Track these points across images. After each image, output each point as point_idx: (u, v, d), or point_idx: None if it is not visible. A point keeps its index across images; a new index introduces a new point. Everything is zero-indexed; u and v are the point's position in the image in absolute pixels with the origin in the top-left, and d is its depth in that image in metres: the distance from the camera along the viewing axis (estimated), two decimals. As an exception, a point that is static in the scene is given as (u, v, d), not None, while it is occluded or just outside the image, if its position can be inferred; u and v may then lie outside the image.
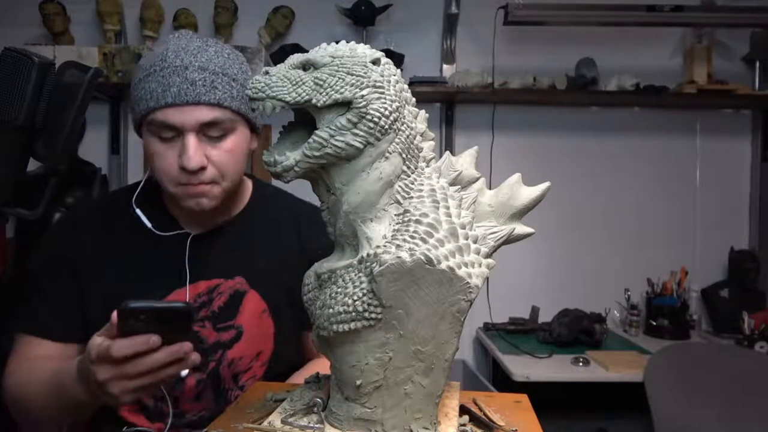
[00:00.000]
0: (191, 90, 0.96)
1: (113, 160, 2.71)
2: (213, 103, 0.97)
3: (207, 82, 0.97)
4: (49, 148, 1.19)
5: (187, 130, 0.97)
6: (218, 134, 1.00)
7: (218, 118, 0.98)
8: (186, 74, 0.96)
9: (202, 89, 0.96)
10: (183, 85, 0.96)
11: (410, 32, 2.75)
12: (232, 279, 1.10)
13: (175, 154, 0.98)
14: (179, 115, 0.96)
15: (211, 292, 1.09)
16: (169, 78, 0.96)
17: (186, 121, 0.97)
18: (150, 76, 0.98)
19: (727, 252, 2.76)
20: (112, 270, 1.07)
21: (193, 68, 0.97)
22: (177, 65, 0.97)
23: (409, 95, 0.75)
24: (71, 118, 1.18)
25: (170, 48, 0.99)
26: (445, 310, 0.69)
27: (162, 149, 0.99)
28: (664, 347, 2.25)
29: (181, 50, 0.99)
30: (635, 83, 2.57)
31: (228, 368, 1.09)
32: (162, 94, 0.96)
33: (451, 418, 0.79)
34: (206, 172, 0.99)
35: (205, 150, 0.99)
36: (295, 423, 0.76)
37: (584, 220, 2.82)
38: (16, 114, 1.10)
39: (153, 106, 0.96)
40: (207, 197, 1.02)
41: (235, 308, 1.10)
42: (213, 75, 0.98)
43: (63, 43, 2.53)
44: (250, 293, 1.11)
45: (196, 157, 0.97)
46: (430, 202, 0.72)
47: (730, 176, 2.86)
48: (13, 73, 1.10)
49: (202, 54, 0.99)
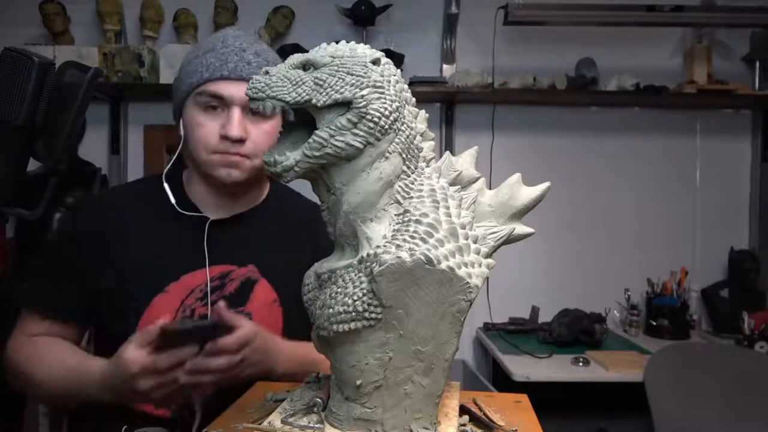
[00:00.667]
0: (246, 68, 1.06)
1: (113, 160, 2.71)
2: None
3: (261, 65, 1.04)
4: (49, 148, 1.19)
5: (235, 104, 1.05)
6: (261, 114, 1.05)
7: None
8: (243, 55, 1.07)
9: (257, 70, 1.02)
10: (240, 63, 1.06)
11: (410, 32, 2.75)
12: (244, 266, 1.13)
13: (217, 124, 1.06)
14: (231, 87, 1.05)
15: (224, 278, 1.12)
16: (228, 55, 1.07)
17: (235, 94, 1.05)
18: (209, 53, 1.07)
19: (727, 252, 2.76)
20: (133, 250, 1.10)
21: (250, 51, 1.08)
22: (236, 46, 1.08)
23: (409, 95, 0.76)
24: (71, 118, 1.18)
25: (230, 33, 1.11)
26: (445, 310, 0.69)
27: (205, 119, 1.07)
28: (664, 347, 2.25)
29: (240, 37, 1.10)
30: (635, 83, 2.57)
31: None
32: (219, 68, 1.05)
33: (451, 418, 0.79)
34: (245, 145, 1.06)
35: (246, 125, 1.07)
36: (295, 423, 0.76)
37: (584, 220, 2.82)
38: (16, 114, 1.10)
39: (207, 77, 1.05)
40: (239, 169, 1.08)
41: (245, 295, 1.12)
42: (266, 62, 1.07)
43: (63, 43, 2.53)
44: (261, 282, 1.13)
45: (239, 127, 1.05)
46: (430, 202, 0.72)
47: (730, 176, 2.86)
48: (13, 73, 1.10)
49: (258, 44, 1.11)
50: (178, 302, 1.08)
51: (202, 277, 1.10)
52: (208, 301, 1.09)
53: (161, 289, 1.08)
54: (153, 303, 1.08)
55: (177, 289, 1.09)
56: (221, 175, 1.08)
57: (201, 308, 1.09)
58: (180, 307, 1.08)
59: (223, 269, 1.12)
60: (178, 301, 1.08)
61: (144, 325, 1.05)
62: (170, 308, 1.08)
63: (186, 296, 1.09)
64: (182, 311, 1.08)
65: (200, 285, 1.10)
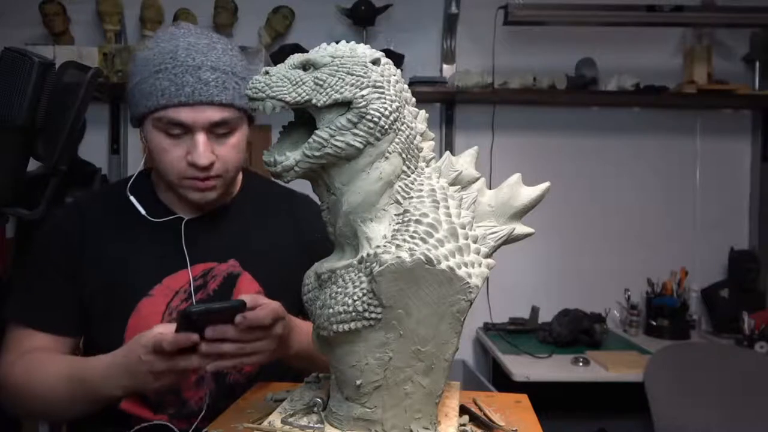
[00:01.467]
0: (205, 90, 0.99)
1: (113, 160, 2.71)
2: (224, 104, 1.00)
3: (219, 83, 1.00)
4: (49, 148, 1.19)
5: (198, 129, 1.00)
6: (225, 131, 1.03)
7: (227, 117, 1.01)
8: (199, 74, 0.99)
9: (215, 90, 0.99)
10: (197, 85, 0.98)
11: (410, 32, 2.75)
12: (225, 262, 1.12)
13: (182, 150, 1.01)
14: (191, 114, 0.99)
15: (206, 276, 1.11)
16: (183, 77, 0.99)
17: (197, 120, 0.99)
18: (161, 73, 0.99)
19: (727, 252, 2.76)
20: (110, 257, 1.09)
21: (205, 68, 1.00)
22: (190, 64, 0.99)
23: (409, 95, 0.76)
24: (71, 118, 1.17)
25: (180, 45, 1.01)
26: (445, 310, 0.70)
27: (169, 145, 1.02)
28: (664, 347, 2.25)
29: (192, 48, 1.01)
30: (635, 83, 2.57)
31: None
32: (175, 93, 0.98)
33: (451, 418, 0.79)
34: (214, 168, 1.03)
35: (212, 146, 1.02)
36: (295, 423, 0.76)
37: (584, 220, 2.82)
38: (16, 114, 1.10)
39: (165, 103, 0.99)
40: (213, 191, 1.06)
41: (229, 290, 1.11)
42: (224, 75, 1.01)
43: (63, 43, 2.53)
44: (243, 275, 1.12)
45: (206, 154, 1.00)
46: (430, 202, 0.72)
47: (730, 176, 2.86)
48: (13, 73, 1.10)
49: (211, 52, 1.02)
50: (164, 305, 1.08)
51: (185, 277, 1.09)
52: (193, 301, 1.08)
53: (145, 293, 1.07)
54: (138, 308, 1.07)
55: (161, 292, 1.08)
56: (194, 198, 1.06)
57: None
58: (166, 310, 1.08)
59: (204, 267, 1.11)
60: (163, 304, 1.08)
61: (132, 331, 1.04)
62: (156, 311, 1.07)
63: (171, 298, 1.08)
64: (168, 314, 1.07)
65: (184, 286, 1.09)
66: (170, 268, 1.09)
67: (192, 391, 1.08)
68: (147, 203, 1.12)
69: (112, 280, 1.08)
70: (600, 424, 2.58)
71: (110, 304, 1.07)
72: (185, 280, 1.09)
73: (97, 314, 1.09)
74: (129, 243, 1.10)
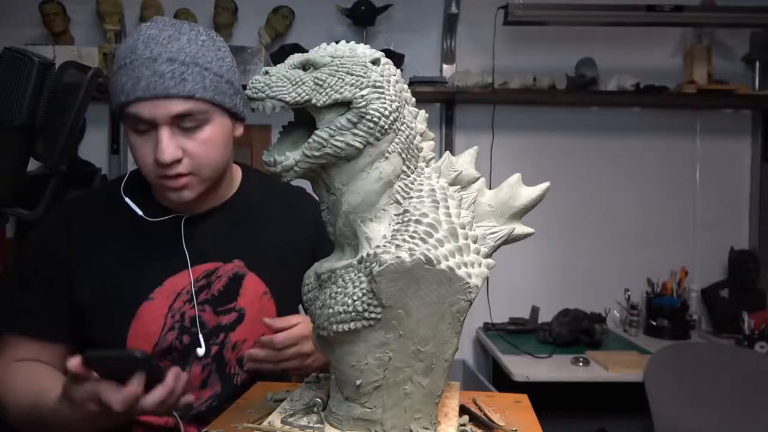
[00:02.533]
0: (160, 83, 0.93)
1: (113, 160, 2.71)
2: (184, 96, 0.95)
3: (176, 74, 0.94)
4: (49, 148, 1.19)
5: (160, 123, 0.96)
6: (193, 125, 0.98)
7: (190, 110, 0.96)
8: (155, 67, 0.94)
9: (171, 82, 0.94)
10: (152, 78, 0.93)
11: (410, 32, 2.75)
12: (230, 262, 1.10)
13: (150, 147, 0.97)
14: (150, 108, 0.95)
15: (210, 276, 1.09)
16: (138, 71, 0.94)
17: (157, 115, 0.95)
18: (121, 69, 0.96)
19: (727, 252, 2.76)
20: (107, 261, 1.06)
21: (161, 60, 0.94)
22: (146, 57, 0.94)
23: (409, 95, 0.76)
24: (71, 118, 1.17)
25: (140, 38, 0.96)
26: (444, 310, 0.70)
27: (138, 142, 0.99)
28: (664, 347, 2.25)
29: (151, 40, 0.95)
30: (635, 83, 2.57)
31: (232, 351, 1.09)
32: (132, 88, 0.94)
33: (451, 418, 0.79)
34: (181, 165, 0.98)
35: (180, 142, 0.97)
36: (295, 423, 0.77)
37: (584, 220, 2.82)
38: (16, 114, 1.10)
39: (124, 100, 0.95)
40: (187, 189, 1.01)
41: (235, 291, 1.10)
42: (183, 66, 0.95)
43: (63, 43, 2.53)
44: (249, 276, 1.11)
45: (169, 150, 0.96)
46: (430, 202, 0.72)
47: (730, 176, 2.86)
48: (13, 73, 1.10)
49: (172, 43, 0.96)
50: (166, 308, 1.05)
51: (187, 278, 1.07)
52: (194, 303, 1.06)
53: (146, 296, 1.05)
54: (140, 312, 1.04)
55: (163, 294, 1.06)
56: (172, 198, 1.03)
57: (191, 311, 1.07)
58: (168, 313, 1.06)
59: (207, 267, 1.09)
60: (165, 307, 1.05)
61: (134, 336, 1.04)
62: (159, 314, 1.05)
63: (173, 300, 1.06)
64: (171, 316, 1.06)
65: (186, 287, 1.07)
66: (171, 269, 1.07)
67: (197, 392, 1.07)
68: (143, 202, 1.09)
69: (111, 284, 1.05)
70: (600, 424, 2.58)
71: (110, 309, 1.05)
72: (188, 281, 1.07)
73: (97, 319, 1.06)
74: (126, 245, 1.07)
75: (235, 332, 1.09)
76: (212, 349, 1.08)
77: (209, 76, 0.97)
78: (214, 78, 0.98)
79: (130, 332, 1.04)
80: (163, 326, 1.05)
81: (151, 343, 1.05)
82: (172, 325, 1.06)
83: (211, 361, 1.08)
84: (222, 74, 0.99)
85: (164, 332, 1.05)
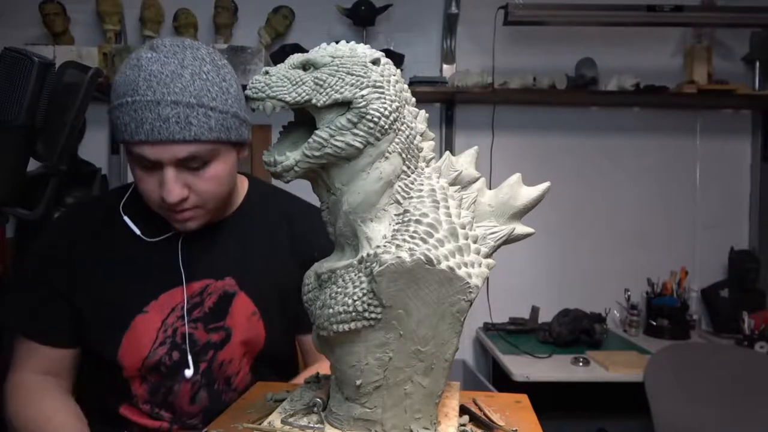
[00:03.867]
0: (164, 128, 0.91)
1: (113, 160, 2.71)
2: (188, 140, 0.93)
3: (181, 119, 0.91)
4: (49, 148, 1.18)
5: (165, 165, 0.94)
6: (198, 165, 0.97)
7: (195, 152, 0.95)
8: (158, 110, 0.91)
9: (176, 127, 0.91)
10: (156, 123, 0.91)
11: (410, 32, 2.75)
12: (221, 279, 1.09)
13: (155, 182, 0.97)
14: (155, 151, 0.93)
15: (202, 293, 1.08)
16: (141, 113, 0.91)
17: (162, 157, 0.94)
18: (123, 107, 0.93)
19: (727, 252, 2.76)
20: (105, 275, 1.07)
21: (165, 103, 0.91)
22: (149, 99, 0.91)
23: (409, 95, 0.75)
24: (71, 118, 1.17)
25: (141, 76, 0.92)
26: (445, 310, 0.69)
27: (143, 176, 0.98)
28: (664, 347, 2.25)
29: (153, 79, 0.91)
30: (635, 83, 2.57)
31: (219, 369, 1.09)
32: (135, 131, 0.92)
33: (451, 418, 0.79)
34: (188, 201, 0.98)
35: (186, 180, 0.97)
36: (295, 423, 0.76)
37: (584, 220, 2.82)
38: (16, 114, 1.10)
39: (128, 139, 0.93)
40: (194, 221, 1.02)
41: (224, 309, 1.09)
42: (188, 108, 0.92)
43: (63, 43, 2.53)
44: (239, 295, 1.10)
45: (175, 191, 0.95)
46: (430, 202, 0.72)
47: (730, 176, 2.86)
48: (13, 73, 1.09)
49: (176, 82, 0.92)
50: (159, 322, 1.06)
51: (182, 294, 1.07)
52: (185, 321, 1.06)
53: (141, 309, 1.05)
54: (134, 324, 1.05)
55: (157, 308, 1.06)
56: (176, 227, 1.04)
57: (182, 327, 1.06)
58: (161, 327, 1.06)
59: (201, 284, 1.08)
60: (159, 321, 1.06)
61: (126, 347, 1.04)
62: (152, 328, 1.05)
63: (167, 315, 1.06)
64: (164, 331, 1.06)
65: (180, 303, 1.07)
66: (166, 284, 1.07)
67: (187, 406, 1.08)
68: (142, 219, 1.09)
69: (107, 295, 1.06)
70: (600, 424, 2.57)
71: (105, 319, 1.06)
72: (182, 297, 1.07)
73: (92, 329, 1.07)
74: (125, 258, 1.08)
75: (223, 350, 1.09)
76: (201, 366, 1.08)
77: (214, 115, 0.95)
78: (220, 117, 0.95)
79: (122, 343, 1.05)
80: (155, 340, 1.05)
81: (142, 356, 1.05)
82: (163, 339, 1.06)
83: (200, 378, 1.08)
84: (227, 110, 0.96)
85: (155, 346, 1.05)
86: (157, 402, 1.07)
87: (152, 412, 1.07)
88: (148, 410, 1.07)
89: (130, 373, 1.06)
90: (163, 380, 1.07)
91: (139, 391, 1.07)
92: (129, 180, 2.82)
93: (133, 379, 1.07)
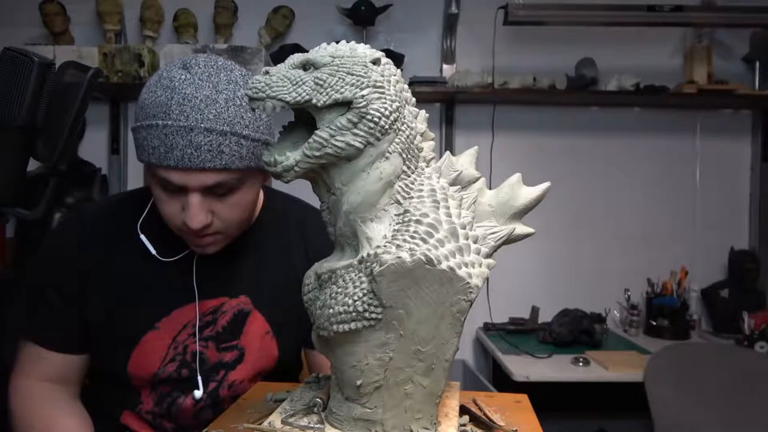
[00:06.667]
0: (195, 156, 0.88)
1: (113, 160, 2.71)
2: (218, 169, 0.90)
3: (213, 146, 0.89)
4: (49, 148, 1.19)
5: (191, 191, 0.92)
6: (224, 191, 0.95)
7: (224, 180, 0.93)
8: (191, 137, 0.88)
9: (208, 155, 0.89)
10: (187, 150, 0.88)
11: (410, 32, 2.75)
12: (236, 297, 1.08)
13: (178, 205, 0.94)
14: (182, 177, 0.90)
15: (216, 312, 1.07)
16: (173, 138, 0.88)
17: (189, 184, 0.91)
18: (152, 128, 0.89)
19: (727, 252, 2.76)
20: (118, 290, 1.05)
21: (198, 130, 0.88)
22: (182, 125, 0.88)
23: (409, 95, 0.75)
24: (71, 118, 1.18)
25: (175, 99, 0.89)
26: (445, 310, 0.69)
27: (166, 198, 0.95)
28: (664, 347, 2.25)
29: (187, 104, 0.88)
30: (635, 83, 2.57)
31: (228, 389, 1.07)
32: (164, 155, 0.89)
33: (451, 418, 0.79)
34: (210, 227, 0.96)
35: (210, 205, 0.95)
36: (295, 423, 0.76)
37: (584, 220, 2.82)
38: (16, 114, 1.10)
39: (156, 162, 0.90)
40: (212, 246, 1.00)
41: (239, 328, 1.08)
42: (221, 137, 0.89)
43: (63, 43, 2.53)
44: (254, 313, 1.09)
45: (198, 218, 0.93)
46: (431, 202, 0.72)
47: (730, 176, 2.86)
48: (13, 73, 1.10)
49: (210, 108, 0.89)
50: (170, 338, 1.04)
51: (194, 312, 1.05)
52: (196, 339, 1.05)
53: (152, 325, 1.04)
54: (145, 339, 1.03)
55: (168, 324, 1.04)
56: (195, 250, 1.02)
57: (193, 345, 1.05)
58: (172, 344, 1.04)
59: (216, 303, 1.07)
60: (170, 337, 1.04)
61: (135, 362, 1.03)
62: (163, 344, 1.04)
63: (178, 332, 1.05)
64: (174, 348, 1.05)
65: (192, 320, 1.05)
66: (180, 300, 1.05)
67: (190, 420, 1.07)
68: (158, 238, 1.05)
69: (119, 309, 1.04)
70: (600, 424, 2.58)
71: (115, 334, 1.04)
72: (194, 314, 1.05)
73: (101, 341, 1.06)
74: (138, 273, 1.05)
75: (235, 370, 1.08)
76: (210, 386, 1.07)
77: (246, 144, 0.92)
78: (251, 145, 0.93)
79: (132, 358, 1.04)
80: (165, 357, 1.04)
81: (151, 372, 1.04)
82: (173, 356, 1.05)
83: (206, 397, 1.06)
84: (258, 138, 0.94)
85: (165, 363, 1.04)
86: (161, 413, 1.06)
87: (155, 421, 1.07)
88: (150, 420, 1.07)
89: (139, 384, 1.06)
90: (171, 392, 1.06)
91: (144, 401, 1.07)
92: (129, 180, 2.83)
93: (140, 389, 1.06)
